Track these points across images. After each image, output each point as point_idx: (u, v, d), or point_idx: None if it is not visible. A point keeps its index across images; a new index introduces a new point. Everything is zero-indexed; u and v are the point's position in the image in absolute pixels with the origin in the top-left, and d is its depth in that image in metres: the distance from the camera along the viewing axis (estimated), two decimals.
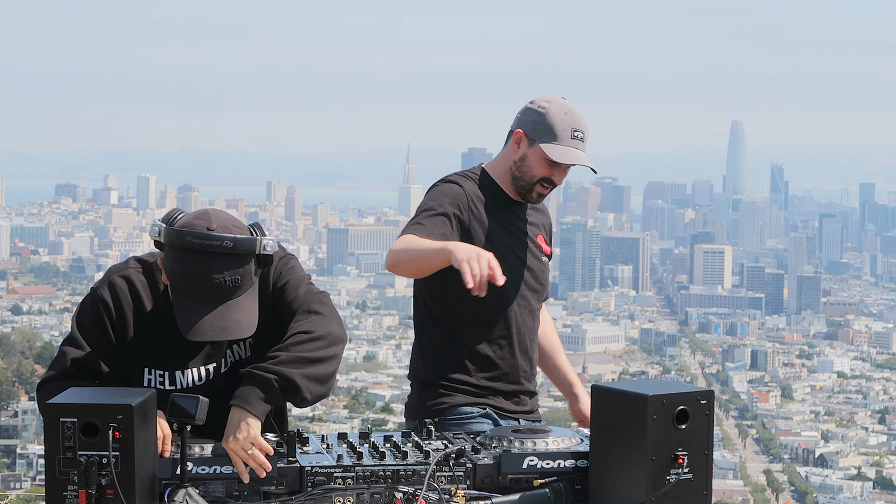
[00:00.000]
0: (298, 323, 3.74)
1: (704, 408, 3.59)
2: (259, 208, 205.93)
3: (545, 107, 4.54)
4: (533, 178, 4.55)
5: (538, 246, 4.69)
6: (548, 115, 4.52)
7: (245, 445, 3.54)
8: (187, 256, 3.60)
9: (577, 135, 4.52)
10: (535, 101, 4.58)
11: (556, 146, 4.49)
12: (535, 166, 4.54)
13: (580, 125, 4.54)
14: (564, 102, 4.58)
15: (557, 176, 4.56)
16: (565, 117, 4.52)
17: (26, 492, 58.35)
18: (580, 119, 4.56)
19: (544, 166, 4.53)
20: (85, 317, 3.79)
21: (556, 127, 4.50)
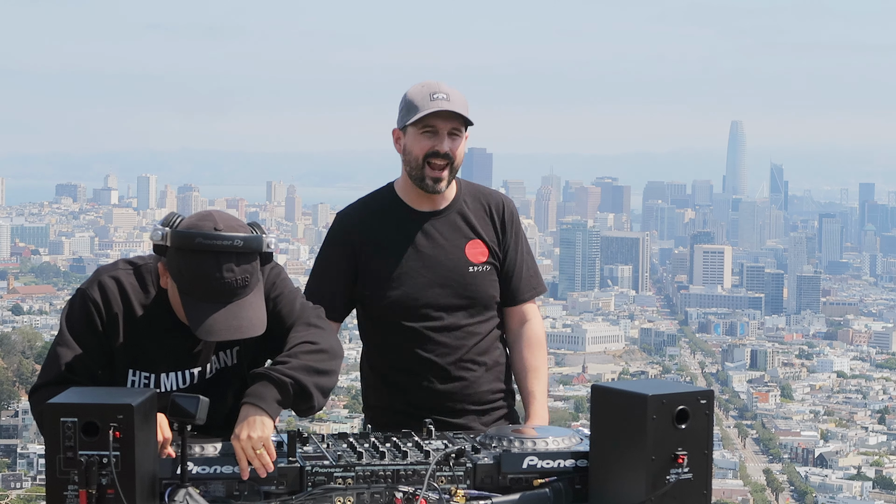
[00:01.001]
0: (300, 333, 3.77)
1: (704, 408, 3.60)
2: (259, 208, 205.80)
3: (405, 93, 4.40)
4: (418, 160, 4.35)
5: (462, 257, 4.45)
6: (406, 96, 4.37)
7: (256, 445, 3.54)
8: (197, 257, 3.60)
9: (436, 96, 4.31)
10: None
11: (417, 114, 4.31)
12: (413, 147, 4.35)
13: (440, 89, 4.33)
14: (425, 81, 4.42)
15: (438, 144, 4.32)
16: (422, 89, 4.35)
17: (27, 491, 58.39)
18: (440, 85, 4.35)
19: (420, 140, 4.33)
20: (75, 318, 3.77)
21: (414, 100, 4.33)
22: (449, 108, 4.30)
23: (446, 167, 4.36)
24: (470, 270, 4.45)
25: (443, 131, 4.34)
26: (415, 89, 4.37)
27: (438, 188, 4.38)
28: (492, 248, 4.51)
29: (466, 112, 4.34)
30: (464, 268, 4.45)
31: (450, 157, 4.36)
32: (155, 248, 3.70)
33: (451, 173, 4.40)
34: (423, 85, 4.37)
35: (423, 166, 4.35)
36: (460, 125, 4.36)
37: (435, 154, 4.34)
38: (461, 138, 4.39)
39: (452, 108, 4.30)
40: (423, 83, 4.38)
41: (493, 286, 4.51)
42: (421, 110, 4.31)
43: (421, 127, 4.33)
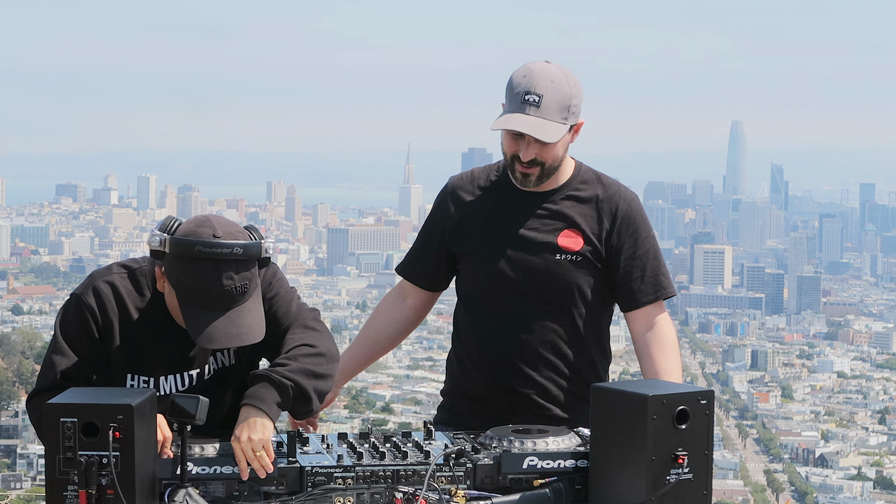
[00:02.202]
0: (297, 335, 3.77)
1: (704, 408, 3.59)
2: (259, 208, 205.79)
3: (514, 73, 4.15)
4: (506, 157, 4.19)
5: (551, 243, 4.23)
6: (510, 82, 4.12)
7: (256, 446, 3.54)
8: (197, 265, 3.60)
9: (528, 98, 4.05)
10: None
11: (502, 118, 4.09)
12: (504, 143, 4.17)
13: (536, 86, 4.05)
14: (536, 64, 4.10)
15: (522, 150, 4.11)
16: (522, 80, 4.08)
17: (26, 492, 58.38)
18: (539, 80, 4.06)
19: (507, 140, 4.14)
20: (70, 324, 3.76)
21: (510, 93, 4.10)
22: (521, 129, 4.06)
23: (536, 168, 4.16)
24: (557, 258, 4.23)
25: (528, 138, 4.10)
26: (518, 76, 4.10)
27: (529, 184, 4.19)
28: (590, 241, 4.26)
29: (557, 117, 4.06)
30: (551, 254, 4.23)
31: (537, 162, 4.15)
32: (152, 253, 3.69)
33: (544, 172, 4.18)
34: (526, 74, 4.08)
35: (512, 163, 4.18)
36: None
37: (518, 158, 4.15)
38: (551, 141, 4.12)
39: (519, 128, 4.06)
40: (528, 69, 4.09)
41: (583, 278, 4.26)
42: (507, 111, 4.09)
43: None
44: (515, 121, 4.06)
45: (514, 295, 4.25)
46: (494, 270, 4.27)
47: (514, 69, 4.17)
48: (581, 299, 4.29)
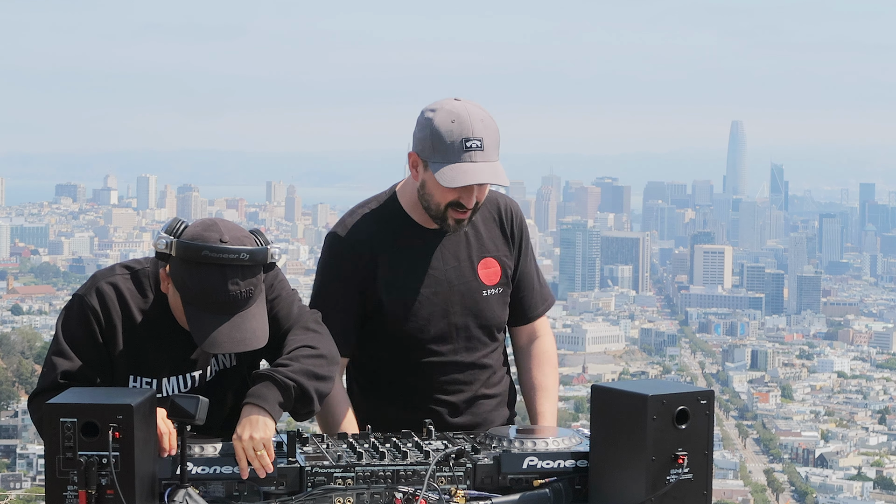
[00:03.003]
0: (298, 337, 3.76)
1: (704, 408, 3.59)
2: (259, 208, 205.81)
3: (430, 118, 3.88)
4: (439, 206, 3.94)
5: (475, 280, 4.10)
6: (432, 127, 3.86)
7: (257, 445, 3.54)
8: (203, 270, 3.59)
9: (470, 145, 3.83)
10: (424, 111, 3.93)
11: (446, 168, 3.84)
12: (435, 193, 3.92)
13: (473, 131, 3.84)
14: (453, 106, 3.87)
15: (465, 198, 3.91)
16: (452, 126, 3.84)
17: (26, 492, 58.36)
18: (472, 123, 3.84)
19: (444, 191, 3.90)
20: (72, 325, 3.74)
21: (443, 141, 3.84)
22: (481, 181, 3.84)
23: (469, 211, 3.98)
24: (484, 294, 4.13)
25: (471, 188, 3.92)
26: (444, 124, 3.86)
27: (458, 229, 4.02)
28: (504, 267, 4.18)
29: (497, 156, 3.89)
30: (478, 292, 4.12)
31: (476, 206, 3.99)
32: (158, 255, 3.68)
33: (475, 213, 4.02)
34: (454, 120, 3.85)
35: (445, 210, 3.96)
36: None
37: (459, 205, 3.95)
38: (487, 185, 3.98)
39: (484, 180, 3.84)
40: (451, 112, 3.87)
41: (504, 310, 4.22)
42: (449, 161, 3.84)
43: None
44: (473, 173, 3.84)
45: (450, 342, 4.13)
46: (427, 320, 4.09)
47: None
48: (502, 330, 4.27)
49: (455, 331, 4.15)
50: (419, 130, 3.94)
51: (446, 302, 4.12)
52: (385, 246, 4.09)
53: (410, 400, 4.18)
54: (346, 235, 4.11)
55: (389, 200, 4.14)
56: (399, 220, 4.11)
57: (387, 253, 4.09)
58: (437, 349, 4.15)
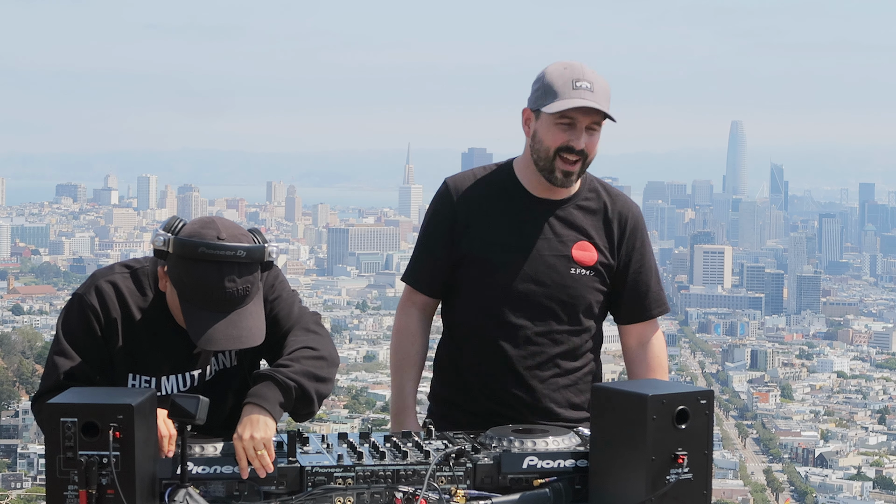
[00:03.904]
0: (299, 338, 3.76)
1: (704, 408, 3.59)
2: (259, 208, 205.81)
3: (543, 71, 4.10)
4: (549, 152, 4.07)
5: (566, 255, 4.17)
6: (545, 76, 4.07)
7: (258, 445, 3.54)
8: (200, 267, 3.60)
9: (580, 85, 4.01)
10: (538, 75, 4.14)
11: (556, 102, 4.01)
12: (546, 137, 4.06)
13: (584, 76, 4.02)
14: (567, 61, 4.08)
15: (574, 139, 4.04)
16: (564, 72, 4.04)
17: (27, 491, 58.37)
18: (583, 71, 4.03)
19: (555, 131, 4.05)
20: (73, 324, 3.75)
21: (554, 84, 4.03)
22: (592, 104, 4.01)
23: (578, 162, 4.09)
24: (571, 272, 4.17)
25: (581, 125, 4.05)
26: (556, 70, 4.05)
27: (568, 182, 4.12)
28: (603, 253, 4.23)
29: (608, 106, 4.06)
30: (565, 268, 4.17)
31: (584, 154, 4.09)
32: (156, 252, 3.69)
33: (583, 168, 4.13)
34: (566, 67, 4.05)
35: (554, 158, 4.07)
36: (600, 119, 4.08)
37: (569, 149, 4.06)
38: (598, 133, 4.11)
39: (595, 104, 4.01)
40: (565, 64, 4.06)
41: (593, 293, 4.23)
42: (560, 98, 4.01)
43: (558, 117, 4.04)
44: (582, 94, 3.99)
45: (525, 306, 4.18)
46: (505, 279, 4.18)
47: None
48: (590, 315, 4.27)
49: (534, 298, 4.18)
50: (533, 84, 4.11)
51: (531, 268, 4.16)
52: (486, 203, 4.20)
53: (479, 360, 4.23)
54: (452, 185, 4.26)
55: (504, 165, 4.28)
56: (508, 182, 4.22)
57: (486, 210, 4.20)
58: (513, 311, 4.18)
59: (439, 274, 4.29)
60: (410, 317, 4.38)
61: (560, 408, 4.25)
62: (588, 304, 4.24)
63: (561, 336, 4.23)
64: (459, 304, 4.30)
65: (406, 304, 4.41)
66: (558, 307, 4.20)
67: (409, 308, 4.40)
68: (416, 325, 4.37)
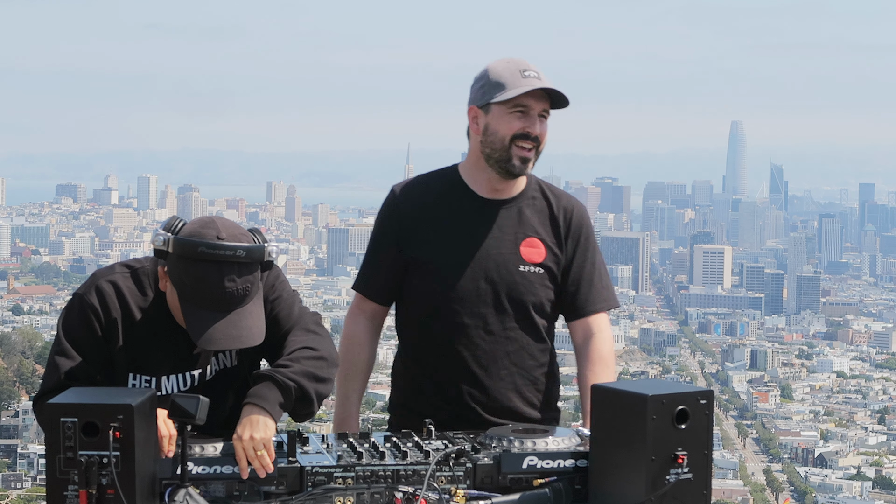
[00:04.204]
0: (299, 338, 3.76)
1: (704, 408, 3.59)
2: (259, 208, 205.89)
3: (484, 69, 4.18)
4: (504, 141, 4.12)
5: (514, 253, 4.22)
6: (489, 72, 4.15)
7: (258, 445, 3.54)
8: (200, 266, 3.60)
9: (528, 74, 4.09)
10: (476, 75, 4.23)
11: (510, 91, 4.08)
12: (500, 127, 4.12)
13: (529, 67, 4.12)
14: (508, 57, 4.20)
15: (530, 125, 4.11)
16: (508, 65, 4.14)
17: (27, 491, 58.43)
18: (528, 63, 4.14)
19: (510, 120, 4.11)
20: (73, 324, 3.75)
21: (501, 77, 4.11)
22: (548, 85, 4.09)
23: (533, 149, 4.15)
24: (521, 269, 4.21)
25: (534, 112, 4.13)
26: (499, 65, 4.14)
27: (526, 169, 4.16)
28: (551, 251, 4.26)
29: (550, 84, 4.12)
30: (514, 266, 4.21)
31: (538, 140, 4.16)
32: (156, 252, 3.69)
33: (536, 156, 4.19)
34: (509, 61, 4.15)
35: (510, 147, 4.12)
36: (549, 107, 4.16)
37: (524, 136, 4.12)
38: (547, 121, 4.18)
39: (550, 85, 4.10)
40: (507, 59, 4.16)
41: (544, 290, 4.26)
42: (510, 87, 4.09)
43: (511, 106, 4.11)
44: (532, 82, 4.07)
45: (477, 305, 4.21)
46: (454, 280, 4.21)
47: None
48: (542, 313, 4.29)
49: (484, 296, 4.20)
50: (475, 83, 4.18)
51: (480, 268, 4.20)
52: (433, 207, 4.24)
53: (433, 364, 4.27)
54: (399, 191, 4.31)
55: (449, 169, 4.33)
56: (455, 186, 4.26)
57: (433, 214, 4.24)
58: (465, 312, 4.21)
59: (388, 281, 4.31)
60: (358, 325, 4.41)
61: (517, 406, 4.29)
62: (539, 302, 4.26)
63: (514, 334, 4.25)
64: (413, 310, 4.32)
65: (355, 311, 4.42)
66: (510, 305, 4.22)
67: (357, 316, 4.42)
68: (364, 333, 4.40)
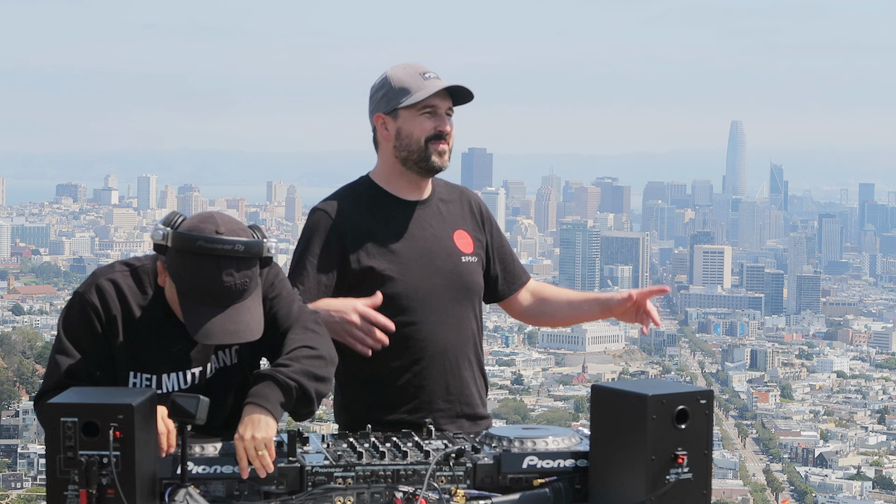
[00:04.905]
0: (298, 336, 3.76)
1: (704, 407, 3.59)
2: (259, 208, 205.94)
3: (382, 77, 4.28)
4: (419, 142, 4.23)
5: (451, 245, 4.32)
6: (390, 79, 4.25)
7: (259, 445, 3.54)
8: (198, 260, 3.60)
9: (428, 76, 4.22)
10: (373, 85, 4.32)
11: (415, 94, 4.20)
12: (414, 129, 4.22)
13: (427, 69, 4.25)
14: (403, 63, 4.32)
15: (441, 124, 4.22)
16: (407, 69, 4.26)
17: (27, 491, 58.44)
18: (424, 66, 4.27)
19: (421, 121, 4.23)
20: (73, 322, 3.75)
21: (403, 81, 4.22)
22: (455, 83, 4.20)
23: (446, 143, 4.26)
24: (462, 261, 4.31)
25: (442, 111, 4.25)
26: (398, 71, 4.25)
27: (445, 163, 4.27)
28: (477, 240, 4.40)
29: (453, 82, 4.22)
30: (457, 257, 4.30)
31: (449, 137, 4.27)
32: (155, 247, 3.69)
33: (450, 151, 4.30)
34: (406, 66, 4.27)
35: (427, 145, 4.22)
36: (452, 104, 4.28)
37: (438, 135, 4.23)
38: (452, 117, 4.30)
39: (456, 83, 4.21)
40: (402, 65, 4.28)
41: (478, 278, 4.38)
42: (416, 90, 4.19)
43: (419, 108, 4.21)
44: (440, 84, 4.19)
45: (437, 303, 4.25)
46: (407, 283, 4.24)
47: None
48: (480, 300, 4.43)
49: (441, 292, 4.27)
50: (376, 92, 4.28)
51: (429, 266, 4.26)
52: (364, 218, 4.27)
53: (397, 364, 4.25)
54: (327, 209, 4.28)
55: (362, 180, 4.37)
56: (375, 194, 4.31)
57: (367, 225, 4.26)
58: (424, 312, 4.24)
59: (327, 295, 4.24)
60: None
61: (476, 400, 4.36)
62: (480, 289, 4.40)
63: (471, 324, 4.35)
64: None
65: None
66: (464, 296, 4.32)
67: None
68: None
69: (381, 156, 4.32)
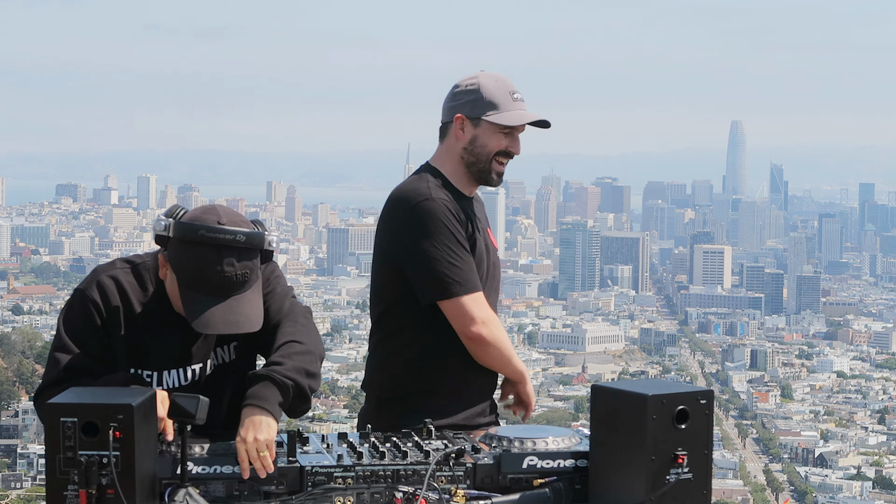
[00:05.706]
0: (287, 330, 3.78)
1: (704, 407, 3.60)
2: (259, 208, 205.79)
3: (474, 83, 4.37)
4: (489, 155, 4.36)
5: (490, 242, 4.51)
6: (481, 88, 4.35)
7: (261, 447, 3.54)
8: (199, 250, 3.61)
9: (517, 97, 4.37)
10: (460, 84, 4.40)
11: (503, 114, 4.33)
12: (489, 142, 4.35)
13: (515, 89, 4.40)
14: (489, 73, 4.43)
15: (513, 145, 4.39)
16: (498, 84, 4.37)
17: (27, 491, 58.41)
18: (511, 82, 4.41)
19: (498, 138, 4.36)
20: (74, 319, 3.76)
21: (494, 96, 4.34)
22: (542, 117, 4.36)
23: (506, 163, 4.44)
24: (498, 256, 4.54)
25: (518, 132, 4.39)
26: (490, 83, 4.36)
27: (498, 182, 4.42)
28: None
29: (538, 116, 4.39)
30: (495, 254, 4.50)
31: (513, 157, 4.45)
32: (157, 238, 3.70)
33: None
34: (497, 79, 4.37)
35: (492, 161, 4.36)
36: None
37: (507, 154, 4.39)
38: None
39: (545, 117, 4.37)
40: (494, 76, 4.38)
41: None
42: (503, 110, 4.32)
43: (501, 126, 4.34)
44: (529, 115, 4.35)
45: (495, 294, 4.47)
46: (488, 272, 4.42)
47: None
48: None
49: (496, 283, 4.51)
50: (465, 95, 4.36)
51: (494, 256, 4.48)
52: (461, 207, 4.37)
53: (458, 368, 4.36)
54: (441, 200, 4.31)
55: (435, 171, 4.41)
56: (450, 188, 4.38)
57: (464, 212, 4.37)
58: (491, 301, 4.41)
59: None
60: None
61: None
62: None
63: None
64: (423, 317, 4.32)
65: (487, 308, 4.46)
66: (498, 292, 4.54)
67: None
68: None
69: (448, 151, 4.41)
